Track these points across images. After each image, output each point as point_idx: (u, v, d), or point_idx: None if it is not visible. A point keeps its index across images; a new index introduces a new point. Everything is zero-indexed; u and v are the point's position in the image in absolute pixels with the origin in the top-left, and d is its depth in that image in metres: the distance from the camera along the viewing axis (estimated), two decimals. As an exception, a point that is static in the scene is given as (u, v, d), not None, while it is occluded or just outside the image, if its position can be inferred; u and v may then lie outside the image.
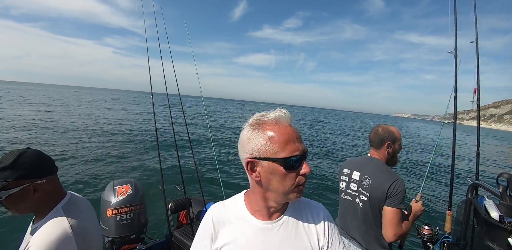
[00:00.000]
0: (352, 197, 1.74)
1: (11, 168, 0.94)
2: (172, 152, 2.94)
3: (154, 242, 2.40)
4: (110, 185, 2.30)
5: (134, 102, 41.39)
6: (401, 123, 63.92)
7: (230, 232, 0.75)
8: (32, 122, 14.15)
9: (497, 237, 1.19)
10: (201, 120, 20.13)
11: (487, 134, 58.61)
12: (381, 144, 1.70)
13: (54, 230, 0.95)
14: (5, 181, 0.93)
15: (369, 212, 1.63)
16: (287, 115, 0.71)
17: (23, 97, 33.86)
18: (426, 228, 1.88)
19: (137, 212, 2.23)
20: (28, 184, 0.97)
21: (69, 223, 0.99)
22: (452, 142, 2.33)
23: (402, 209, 1.53)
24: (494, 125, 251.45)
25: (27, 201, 0.98)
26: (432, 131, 41.51)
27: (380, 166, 1.66)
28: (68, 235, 0.95)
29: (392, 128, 1.74)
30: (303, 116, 52.03)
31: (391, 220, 1.51)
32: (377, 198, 1.57)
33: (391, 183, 1.53)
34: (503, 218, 1.20)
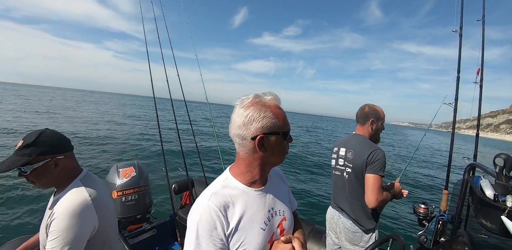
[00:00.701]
0: (340, 171, 1.86)
1: (33, 145, 1.04)
2: (174, 135, 2.96)
3: (159, 221, 2.49)
4: (114, 168, 2.34)
5: (135, 105, 41.02)
6: (399, 131, 63.58)
7: (239, 210, 0.80)
8: (33, 123, 14.14)
9: (490, 215, 1.22)
10: (201, 120, 20.03)
11: (483, 143, 58.67)
12: (366, 119, 1.82)
13: (75, 198, 1.05)
14: (29, 156, 1.03)
15: (354, 183, 1.75)
16: (277, 96, 0.86)
17: (23, 98, 33.55)
18: (422, 207, 1.94)
19: (141, 193, 2.29)
20: (50, 159, 1.07)
21: (88, 192, 1.09)
22: (452, 122, 2.34)
23: (382, 176, 1.63)
24: (491, 134, 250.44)
25: (49, 175, 1.09)
26: (432, 140, 41.59)
27: (362, 140, 1.79)
28: (88, 202, 1.05)
29: (377, 107, 1.86)
30: (302, 123, 51.77)
31: (373, 186, 1.62)
32: (359, 167, 1.69)
33: (370, 152, 1.65)
34: (497, 197, 1.22)
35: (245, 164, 0.85)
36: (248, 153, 0.82)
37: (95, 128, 11.84)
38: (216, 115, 30.92)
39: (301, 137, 18.66)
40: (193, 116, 26.24)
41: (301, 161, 9.83)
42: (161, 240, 2.43)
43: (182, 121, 7.80)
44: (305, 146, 14.27)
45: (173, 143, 8.18)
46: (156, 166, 6.32)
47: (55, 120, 13.37)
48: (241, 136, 0.79)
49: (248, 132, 0.78)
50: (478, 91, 2.27)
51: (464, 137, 41.09)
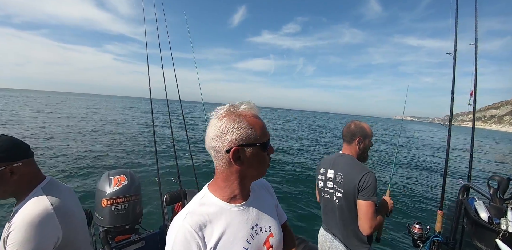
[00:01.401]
0: (330, 194, 1.79)
1: None
2: (169, 144, 2.94)
3: (148, 233, 2.42)
4: (105, 175, 2.30)
5: (133, 107, 41.05)
6: (401, 126, 63.79)
7: (218, 229, 0.76)
8: (31, 126, 14.05)
9: (485, 237, 1.22)
10: (199, 123, 20.04)
11: (486, 135, 58.69)
12: (352, 138, 1.76)
13: (35, 207, 0.98)
14: None
15: (345, 208, 1.68)
16: (255, 105, 0.81)
17: (24, 103, 33.53)
18: (417, 227, 1.92)
19: (132, 202, 2.23)
20: (4, 166, 0.99)
21: (50, 201, 1.02)
22: (446, 143, 2.36)
23: (375, 201, 1.57)
24: (494, 126, 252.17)
25: (5, 184, 1.01)
26: (433, 133, 41.75)
27: (350, 162, 1.72)
28: (49, 211, 0.99)
29: (364, 124, 1.80)
30: (303, 120, 52.06)
31: (366, 213, 1.56)
32: (350, 193, 1.62)
33: (361, 176, 1.58)
34: (491, 220, 1.22)
35: (222, 178, 0.81)
36: (224, 166, 0.79)
37: (90, 133, 11.75)
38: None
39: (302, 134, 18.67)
40: (191, 118, 26.08)
41: (295, 167, 9.77)
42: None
43: (179, 128, 7.78)
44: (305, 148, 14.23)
45: (168, 152, 8.11)
46: (149, 175, 6.22)
47: (54, 120, 13.25)
48: (215, 148, 0.76)
49: (222, 144, 0.74)
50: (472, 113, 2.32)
51: (467, 130, 41.26)
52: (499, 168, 14.12)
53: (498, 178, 1.29)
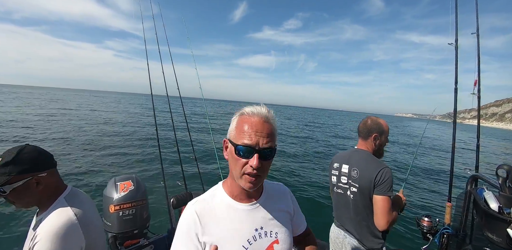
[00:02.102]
0: (344, 190, 1.77)
1: (12, 163, 0.98)
2: (173, 148, 2.95)
3: (157, 237, 2.43)
4: (112, 181, 2.31)
5: (135, 104, 41.15)
6: (402, 123, 62.80)
7: (219, 221, 0.80)
8: (34, 123, 14.17)
9: (496, 228, 1.20)
10: (200, 120, 20.05)
11: (488, 133, 57.94)
12: (369, 135, 1.73)
13: (60, 218, 0.99)
14: (8, 175, 0.97)
15: (360, 203, 1.66)
16: (262, 111, 0.78)
17: (23, 100, 33.74)
18: (426, 220, 1.90)
19: (139, 207, 2.24)
20: (30, 177, 1.01)
21: (73, 211, 1.03)
22: (452, 134, 2.33)
23: (391, 196, 1.56)
24: (496, 123, 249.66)
25: (31, 194, 1.03)
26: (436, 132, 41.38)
27: (366, 157, 1.70)
28: (73, 222, 1.00)
29: (381, 120, 1.77)
30: (303, 116, 51.82)
31: (383, 208, 1.54)
32: (366, 188, 1.60)
33: (378, 172, 1.56)
34: (502, 209, 1.21)
35: (231, 174, 0.83)
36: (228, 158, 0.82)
37: (90, 135, 11.79)
38: (219, 112, 30.71)
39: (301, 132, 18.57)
40: (192, 114, 26.00)
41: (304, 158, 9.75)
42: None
43: (182, 128, 7.79)
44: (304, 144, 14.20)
45: (172, 155, 8.12)
46: (154, 179, 6.25)
47: (56, 121, 13.31)
48: None
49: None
50: (476, 103, 2.29)
51: (468, 127, 40.70)
52: (505, 158, 13.98)
53: (506, 167, 1.27)
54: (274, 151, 0.77)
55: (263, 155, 0.74)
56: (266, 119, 0.77)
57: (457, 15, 2.30)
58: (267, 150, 0.74)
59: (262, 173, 0.76)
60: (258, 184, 0.77)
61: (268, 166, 0.77)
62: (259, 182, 0.77)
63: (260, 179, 0.77)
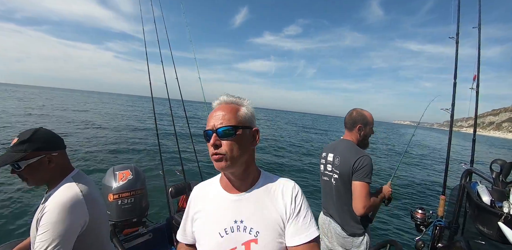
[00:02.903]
0: (329, 177, 1.85)
1: (29, 141, 1.09)
2: (171, 138, 2.96)
3: (155, 225, 2.47)
4: (110, 170, 2.32)
5: (134, 105, 40.72)
6: (399, 130, 62.23)
7: (205, 205, 0.89)
8: (33, 122, 14.09)
9: (487, 221, 1.23)
10: (200, 120, 20.00)
11: (485, 142, 58.10)
12: (353, 125, 1.80)
13: (66, 193, 1.08)
14: (25, 152, 1.07)
15: (341, 189, 1.74)
16: (221, 98, 0.85)
17: (23, 98, 33.44)
18: (420, 212, 1.94)
19: (138, 196, 2.27)
20: (44, 155, 1.11)
21: (79, 188, 1.12)
22: (449, 128, 2.35)
23: (369, 182, 1.62)
24: (493, 132, 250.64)
25: (43, 171, 1.12)
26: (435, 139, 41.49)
27: (349, 146, 1.77)
28: (79, 197, 1.08)
29: (365, 112, 1.82)
30: (303, 122, 51.50)
31: (359, 193, 1.61)
32: (346, 174, 1.68)
33: (356, 158, 1.64)
34: (494, 203, 1.23)
35: None
36: None
37: (92, 129, 11.80)
38: None
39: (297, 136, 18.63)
40: (193, 117, 26.05)
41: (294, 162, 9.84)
42: (157, 244, 2.40)
43: (181, 126, 7.78)
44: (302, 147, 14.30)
45: (171, 145, 8.15)
46: (153, 169, 6.28)
47: (55, 116, 13.31)
48: None
49: None
50: (474, 98, 2.29)
51: (465, 136, 40.98)
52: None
53: (500, 162, 1.29)
54: (233, 129, 0.78)
55: (220, 134, 0.78)
56: (223, 103, 0.85)
57: (459, 8, 2.27)
58: (223, 128, 0.78)
59: (226, 153, 0.78)
60: (226, 165, 0.79)
61: (231, 146, 0.78)
62: (228, 163, 0.79)
63: (226, 159, 0.78)
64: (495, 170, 1.32)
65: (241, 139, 0.80)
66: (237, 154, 0.79)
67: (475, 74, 2.31)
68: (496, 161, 1.31)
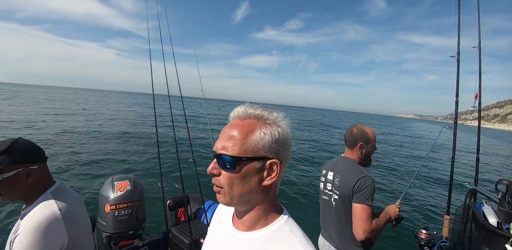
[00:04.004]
0: (328, 196, 1.78)
1: (5, 153, 0.99)
2: (172, 150, 2.94)
3: (151, 238, 2.41)
4: (109, 181, 2.30)
5: (136, 103, 41.10)
6: (404, 124, 61.87)
7: (213, 229, 0.79)
8: (33, 122, 14.20)
9: (494, 243, 1.19)
10: (200, 121, 20.09)
11: (490, 135, 57.53)
12: (354, 143, 1.73)
13: (43, 211, 0.99)
14: (0, 165, 0.97)
15: (342, 211, 1.66)
16: (237, 111, 0.64)
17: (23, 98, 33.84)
18: (424, 232, 1.89)
19: (135, 208, 2.23)
20: (22, 168, 1.02)
21: (58, 206, 1.03)
22: (452, 146, 2.33)
23: (370, 205, 1.54)
24: (498, 125, 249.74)
25: (20, 186, 1.03)
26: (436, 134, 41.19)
27: (349, 165, 1.70)
28: (57, 216, 0.99)
29: (367, 128, 1.76)
30: (306, 117, 51.63)
31: (359, 217, 1.53)
32: (346, 196, 1.60)
33: (357, 179, 1.56)
34: (501, 225, 1.20)
35: None
36: None
37: (89, 133, 11.80)
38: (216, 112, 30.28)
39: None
40: (194, 115, 25.74)
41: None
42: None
43: (182, 129, 7.82)
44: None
45: (171, 156, 8.11)
46: (152, 180, 6.22)
47: (55, 120, 13.34)
48: None
49: None
50: (477, 115, 2.30)
51: (470, 129, 40.42)
52: (506, 167, 13.88)
53: (506, 182, 1.27)
54: (231, 161, 0.59)
55: (218, 162, 0.61)
56: (237, 118, 0.64)
57: (460, 27, 2.32)
58: (221, 156, 0.60)
59: (224, 187, 0.62)
60: (225, 201, 0.63)
61: (231, 179, 0.60)
62: (226, 199, 0.63)
63: (223, 192, 0.62)
64: (501, 190, 1.30)
65: (244, 173, 0.60)
66: (237, 192, 0.61)
67: (477, 93, 2.33)
68: (502, 181, 1.29)
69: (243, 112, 0.63)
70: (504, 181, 1.28)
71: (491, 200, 1.50)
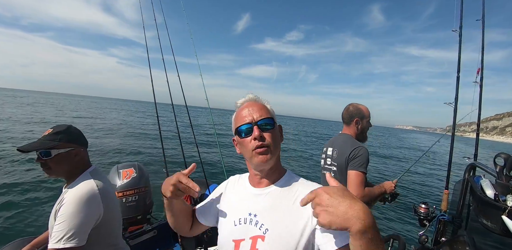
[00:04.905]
0: (328, 170, 1.86)
1: (64, 133, 1.20)
2: (174, 134, 2.96)
3: (160, 222, 2.49)
4: (114, 169, 2.34)
5: (137, 110, 40.44)
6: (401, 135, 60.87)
7: (232, 194, 0.93)
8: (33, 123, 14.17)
9: (491, 214, 1.22)
10: (201, 123, 19.90)
11: (489, 146, 57.45)
12: (351, 120, 1.83)
13: (84, 187, 1.14)
14: (58, 141, 1.16)
15: (339, 181, 1.69)
16: (250, 96, 0.88)
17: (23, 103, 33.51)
18: (423, 206, 1.94)
19: (142, 194, 2.29)
20: (73, 148, 1.20)
21: (95, 183, 1.18)
22: (452, 123, 2.34)
23: (363, 172, 1.60)
24: (497, 137, 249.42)
25: (68, 163, 1.19)
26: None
27: (346, 139, 1.80)
28: (95, 192, 1.14)
29: (361, 106, 1.86)
30: (305, 128, 51.05)
31: (352, 182, 1.60)
32: (342, 165, 1.69)
33: (352, 149, 1.66)
34: (498, 197, 1.22)
35: (248, 166, 0.90)
36: None
37: (98, 131, 11.88)
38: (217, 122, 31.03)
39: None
40: (195, 121, 25.90)
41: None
42: (161, 241, 2.42)
43: (185, 126, 7.86)
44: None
45: (174, 143, 8.18)
46: (157, 167, 6.32)
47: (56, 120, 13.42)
48: None
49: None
50: (478, 91, 2.28)
51: (469, 141, 40.75)
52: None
53: (504, 155, 1.28)
54: (272, 121, 0.82)
55: (261, 126, 0.79)
56: (254, 100, 0.87)
57: (462, 1, 2.24)
58: (264, 120, 0.80)
59: (270, 145, 0.78)
60: (270, 157, 0.78)
61: (273, 137, 0.80)
62: (271, 156, 0.79)
63: (270, 152, 0.78)
64: (499, 163, 1.31)
65: (277, 132, 0.84)
66: (277, 146, 0.82)
67: (479, 67, 2.29)
68: (500, 155, 1.30)
69: (255, 97, 0.88)
70: (502, 154, 1.30)
71: (489, 173, 1.53)
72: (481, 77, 2.28)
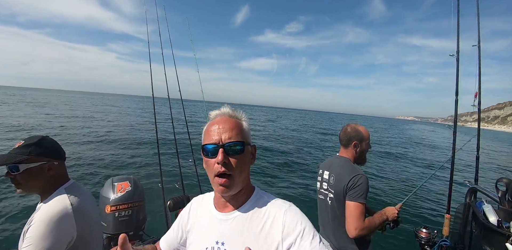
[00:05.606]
0: (324, 195, 1.80)
1: (35, 145, 1.10)
2: (172, 150, 2.95)
3: (152, 239, 2.40)
4: (109, 182, 2.30)
5: (137, 106, 41.04)
6: (403, 126, 61.83)
7: (196, 220, 0.86)
8: (31, 125, 14.18)
9: (494, 241, 1.19)
10: (200, 123, 20.06)
11: (490, 136, 57.55)
12: (349, 142, 1.76)
13: (56, 205, 1.05)
14: (28, 155, 1.07)
15: (337, 209, 1.67)
16: (224, 110, 0.79)
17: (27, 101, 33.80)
18: (424, 231, 1.89)
19: (135, 209, 2.23)
20: (46, 161, 1.11)
21: (70, 201, 1.09)
22: (452, 145, 2.33)
23: (363, 203, 1.54)
24: (498, 126, 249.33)
25: (40, 178, 1.10)
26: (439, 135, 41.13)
27: (344, 163, 1.72)
28: (68, 210, 1.05)
29: (360, 127, 1.79)
30: (307, 120, 51.45)
31: (351, 214, 1.54)
32: (340, 194, 1.62)
33: (351, 177, 1.57)
34: (501, 223, 1.20)
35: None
36: None
37: (91, 135, 11.80)
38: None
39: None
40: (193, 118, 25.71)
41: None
42: (152, 259, 2.33)
43: (182, 131, 7.81)
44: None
45: (171, 157, 8.11)
46: (152, 181, 6.21)
47: (56, 122, 13.35)
48: None
49: None
50: (477, 115, 2.30)
51: (470, 130, 40.46)
52: (506, 168, 13.89)
53: (506, 180, 1.27)
54: (242, 145, 0.73)
55: (228, 149, 0.71)
56: (228, 115, 0.78)
57: (459, 26, 2.32)
58: (232, 143, 0.71)
59: (234, 172, 0.71)
60: (231, 186, 0.71)
61: (240, 163, 0.72)
62: (232, 184, 0.71)
63: (232, 180, 0.71)
64: (501, 188, 1.30)
65: (247, 156, 0.75)
66: (243, 172, 0.74)
67: (476, 91, 2.33)
68: (502, 180, 1.29)
69: (231, 112, 0.79)
70: (504, 179, 1.28)
71: (491, 198, 1.50)
72: (479, 101, 2.31)
